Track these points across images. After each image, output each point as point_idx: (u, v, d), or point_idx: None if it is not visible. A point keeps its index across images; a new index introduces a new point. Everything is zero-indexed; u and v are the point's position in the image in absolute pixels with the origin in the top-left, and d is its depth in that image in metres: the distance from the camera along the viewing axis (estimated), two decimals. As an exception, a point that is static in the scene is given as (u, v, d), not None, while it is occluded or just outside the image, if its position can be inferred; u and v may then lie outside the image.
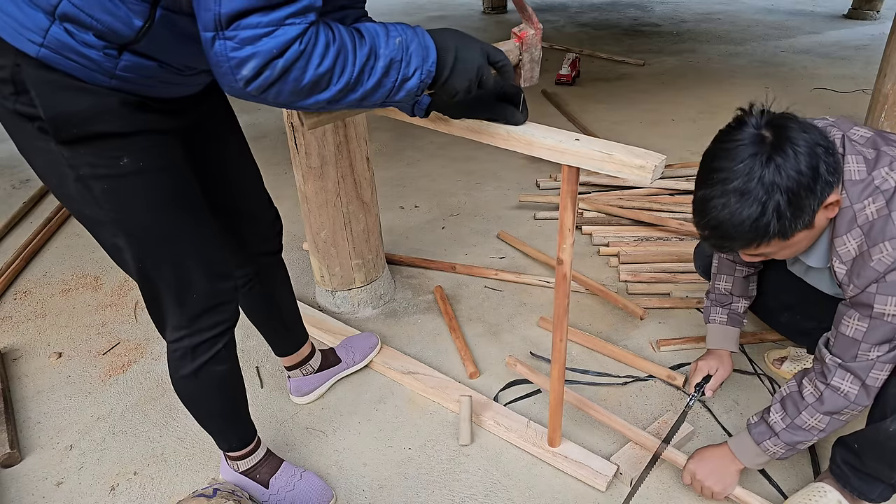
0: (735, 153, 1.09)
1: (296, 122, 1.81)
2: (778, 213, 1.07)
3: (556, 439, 1.58)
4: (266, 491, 1.48)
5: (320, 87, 0.89)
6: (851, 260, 1.15)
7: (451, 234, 2.68)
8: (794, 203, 1.07)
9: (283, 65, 0.84)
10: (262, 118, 4.10)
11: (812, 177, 1.06)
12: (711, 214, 1.11)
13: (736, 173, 1.07)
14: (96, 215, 1.07)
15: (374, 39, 0.93)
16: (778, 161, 1.05)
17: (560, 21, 6.61)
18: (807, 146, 1.06)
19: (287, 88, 0.87)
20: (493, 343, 2.03)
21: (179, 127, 1.13)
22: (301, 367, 1.77)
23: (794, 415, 1.30)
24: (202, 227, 1.19)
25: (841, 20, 6.32)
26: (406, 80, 0.96)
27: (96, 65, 0.93)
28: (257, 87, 0.85)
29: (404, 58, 0.95)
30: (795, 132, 1.07)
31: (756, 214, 1.07)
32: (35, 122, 0.96)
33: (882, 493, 1.33)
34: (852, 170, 1.14)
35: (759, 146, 1.07)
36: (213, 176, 1.28)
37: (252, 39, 0.82)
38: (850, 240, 1.14)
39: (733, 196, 1.08)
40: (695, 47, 5.43)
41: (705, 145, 1.21)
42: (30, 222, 2.90)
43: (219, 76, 0.86)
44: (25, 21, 0.89)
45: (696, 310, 2.11)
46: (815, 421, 1.28)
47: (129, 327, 2.17)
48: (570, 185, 1.20)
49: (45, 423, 1.79)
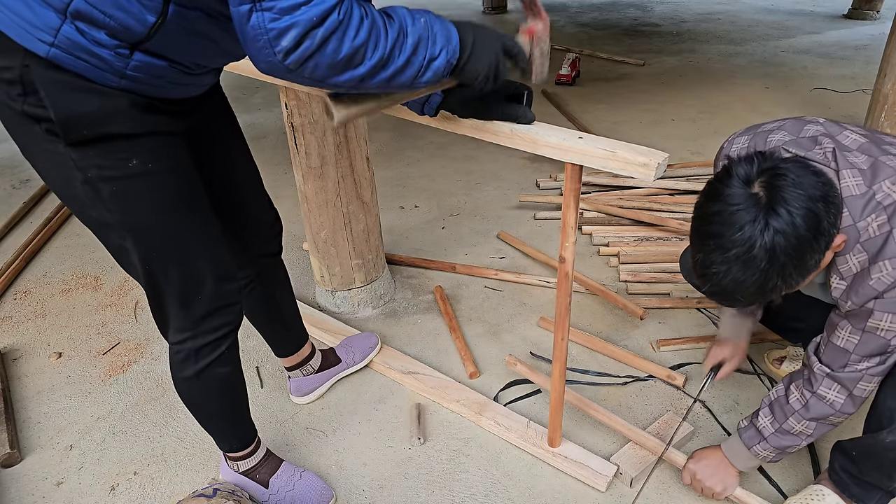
0: (731, 220, 1.03)
1: (297, 122, 1.81)
2: (783, 276, 1.04)
3: (557, 439, 1.58)
4: (266, 491, 1.48)
5: (355, 62, 0.90)
6: (852, 276, 1.13)
7: (451, 234, 2.68)
8: (797, 264, 1.03)
9: (323, 34, 0.84)
10: (262, 118, 4.10)
11: (814, 235, 1.01)
12: (714, 281, 1.08)
13: (735, 242, 1.02)
14: (103, 217, 1.07)
15: (401, 19, 0.95)
16: (776, 226, 1.00)
17: (560, 21, 6.61)
18: (804, 205, 1.00)
19: (324, 61, 0.87)
20: (493, 343, 2.03)
21: (185, 129, 1.13)
22: (301, 367, 1.77)
23: (781, 420, 1.30)
24: (208, 228, 1.19)
25: (841, 20, 6.32)
26: (433, 59, 0.98)
27: (107, 64, 0.93)
28: (296, 59, 0.85)
29: (430, 36, 0.97)
30: (789, 190, 1.00)
31: (761, 280, 1.04)
32: (43, 124, 0.96)
33: (880, 499, 1.34)
34: (850, 185, 1.10)
35: (754, 210, 1.01)
36: (215, 178, 1.28)
37: (291, 9, 0.82)
38: (852, 258, 1.12)
39: (735, 265, 1.03)
40: (695, 47, 5.43)
41: (705, 145, 1.21)
42: (30, 222, 2.89)
43: (255, 51, 0.86)
44: (36, 20, 0.88)
45: (696, 310, 2.11)
46: (802, 427, 1.28)
47: (129, 327, 2.17)
48: (574, 184, 1.20)
49: (45, 423, 1.79)
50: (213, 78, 1.15)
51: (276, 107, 4.28)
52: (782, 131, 1.24)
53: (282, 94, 1.76)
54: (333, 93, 1.05)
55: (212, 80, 1.15)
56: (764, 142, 1.26)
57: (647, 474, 1.52)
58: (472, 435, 1.69)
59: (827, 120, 1.24)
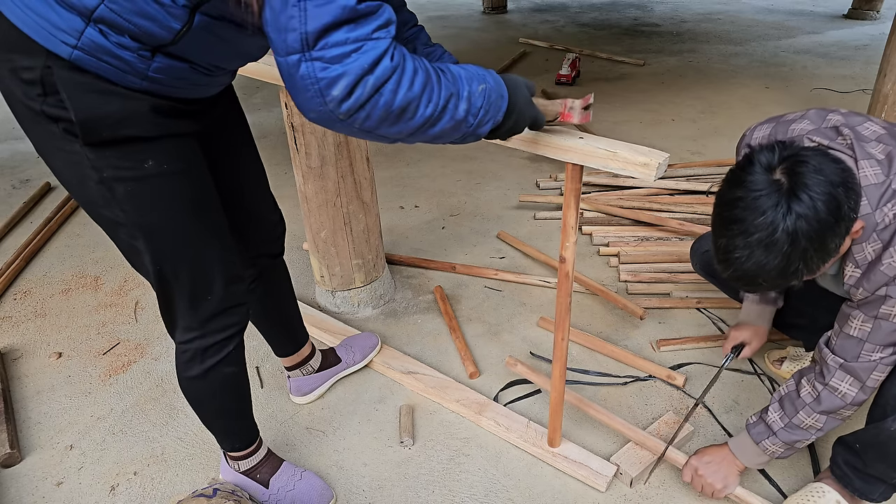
0: (753, 205, 1.05)
1: (297, 122, 1.81)
2: (805, 260, 1.06)
3: (556, 439, 1.58)
4: (266, 491, 1.48)
5: (408, 114, 0.88)
6: (867, 264, 1.14)
7: (451, 234, 2.68)
8: (819, 248, 1.05)
9: (375, 82, 0.83)
10: (263, 118, 4.10)
11: (835, 220, 1.04)
12: (737, 265, 1.10)
13: (758, 227, 1.05)
14: (117, 217, 1.07)
15: (457, 80, 0.94)
16: (798, 210, 1.02)
17: (560, 21, 6.61)
18: (825, 190, 1.03)
19: (377, 113, 0.85)
20: (493, 343, 2.03)
21: (199, 130, 1.13)
22: (301, 367, 1.77)
23: (791, 414, 1.31)
24: (220, 229, 1.19)
25: (841, 20, 6.32)
26: (482, 125, 0.99)
27: (129, 66, 0.93)
28: (349, 108, 0.84)
29: (484, 106, 0.97)
30: (811, 176, 1.03)
31: (783, 264, 1.06)
32: (61, 124, 0.96)
33: (884, 492, 1.34)
34: (868, 174, 1.12)
35: (776, 195, 1.04)
36: (224, 178, 1.28)
37: (341, 57, 0.80)
38: (867, 246, 1.13)
39: (757, 249, 1.06)
40: (695, 47, 5.43)
41: (705, 145, 1.22)
42: (30, 222, 2.89)
43: (304, 101, 0.84)
44: (59, 23, 0.88)
45: (696, 310, 2.11)
46: (812, 420, 1.28)
47: (129, 327, 2.17)
48: (574, 183, 1.21)
49: (45, 423, 1.79)
50: (230, 78, 1.16)
51: (276, 107, 4.28)
52: (805, 121, 1.26)
53: (282, 94, 1.76)
54: None
55: (228, 81, 1.16)
56: (786, 131, 1.27)
57: (648, 471, 1.52)
58: (471, 435, 1.69)
59: (849, 111, 1.26)
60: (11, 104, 0.98)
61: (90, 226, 2.81)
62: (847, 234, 1.09)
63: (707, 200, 2.67)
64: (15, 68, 0.92)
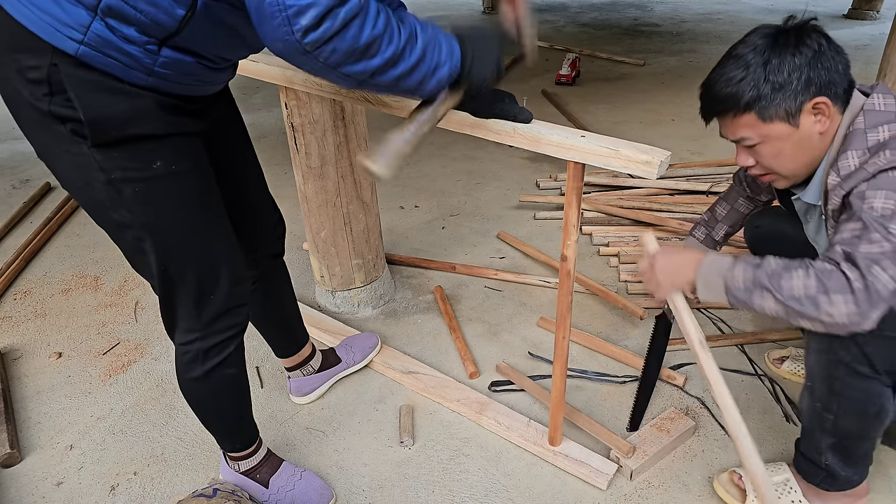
0: (740, 47, 1.18)
1: (296, 122, 1.81)
2: (765, 76, 1.14)
3: (557, 438, 1.58)
4: (266, 491, 1.48)
5: (371, 52, 0.90)
6: (849, 174, 1.12)
7: (451, 234, 2.68)
8: (778, 69, 1.13)
9: (345, 15, 0.84)
10: (263, 118, 4.10)
11: (800, 62, 1.13)
12: (711, 79, 1.21)
13: (737, 54, 1.18)
14: (123, 218, 1.06)
15: (412, 24, 0.97)
16: (773, 48, 1.14)
17: (560, 21, 6.61)
18: (804, 48, 1.13)
19: (343, 46, 0.87)
20: (493, 343, 2.03)
21: (203, 129, 1.13)
22: (301, 367, 1.77)
23: (783, 267, 1.10)
24: (225, 229, 1.20)
25: (841, 20, 6.33)
26: (438, 67, 1.01)
27: (136, 61, 0.93)
28: (316, 38, 0.84)
29: (436, 46, 1.00)
30: (812, 40, 1.13)
31: (740, 76, 1.15)
32: (68, 124, 0.95)
33: (823, 480, 1.37)
34: (876, 103, 1.15)
35: (775, 35, 1.15)
36: (224, 178, 1.28)
37: None
38: (853, 156, 1.13)
39: (731, 60, 1.18)
40: (695, 47, 5.44)
41: (705, 145, 1.23)
42: (30, 222, 2.89)
43: (270, 30, 0.85)
44: (65, 18, 0.88)
45: (696, 310, 2.11)
46: (798, 282, 1.07)
47: (129, 327, 2.17)
48: (576, 182, 1.20)
49: (45, 423, 1.79)
50: (231, 74, 1.16)
51: (276, 107, 4.28)
52: None
53: (282, 94, 1.76)
54: (366, 154, 1.05)
55: (229, 77, 1.17)
56: None
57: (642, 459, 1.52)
58: (472, 435, 1.69)
59: (880, 83, 1.25)
60: (17, 107, 0.98)
61: (90, 226, 2.81)
62: (809, 85, 1.13)
63: (707, 200, 2.67)
64: (21, 68, 0.92)
